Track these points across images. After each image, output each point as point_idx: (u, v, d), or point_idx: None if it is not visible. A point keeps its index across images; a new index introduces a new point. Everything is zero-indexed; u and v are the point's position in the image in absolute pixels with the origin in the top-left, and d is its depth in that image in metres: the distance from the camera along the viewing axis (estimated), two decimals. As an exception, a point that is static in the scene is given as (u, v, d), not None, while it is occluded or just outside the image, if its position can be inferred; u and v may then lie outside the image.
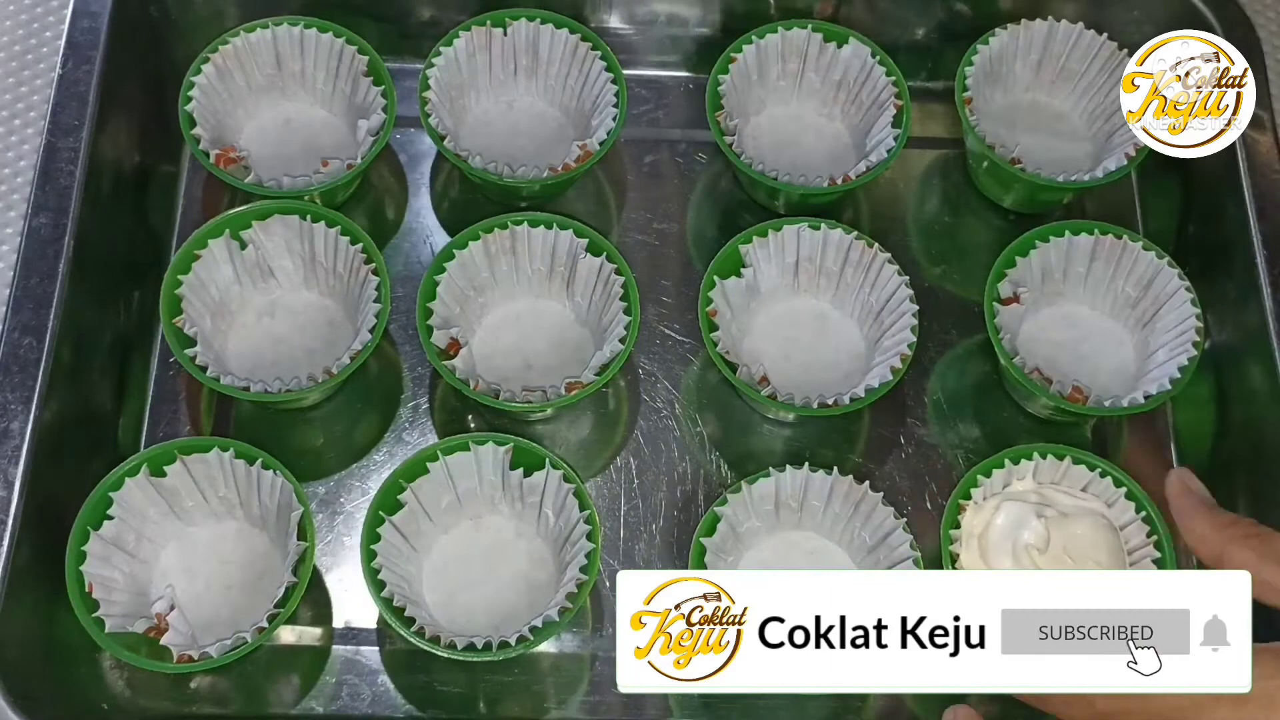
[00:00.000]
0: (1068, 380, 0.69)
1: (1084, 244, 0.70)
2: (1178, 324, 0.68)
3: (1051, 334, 0.73)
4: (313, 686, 0.68)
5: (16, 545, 0.63)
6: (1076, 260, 0.71)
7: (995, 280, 0.69)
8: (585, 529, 0.65)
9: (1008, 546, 0.67)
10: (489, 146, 0.80)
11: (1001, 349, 0.66)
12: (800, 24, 0.79)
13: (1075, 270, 0.71)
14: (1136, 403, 0.66)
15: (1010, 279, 0.69)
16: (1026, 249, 0.70)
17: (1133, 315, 0.71)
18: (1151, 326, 0.70)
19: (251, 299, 0.75)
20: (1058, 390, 0.67)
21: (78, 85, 0.72)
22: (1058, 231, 0.70)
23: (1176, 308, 0.69)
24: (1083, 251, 0.71)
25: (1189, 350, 0.67)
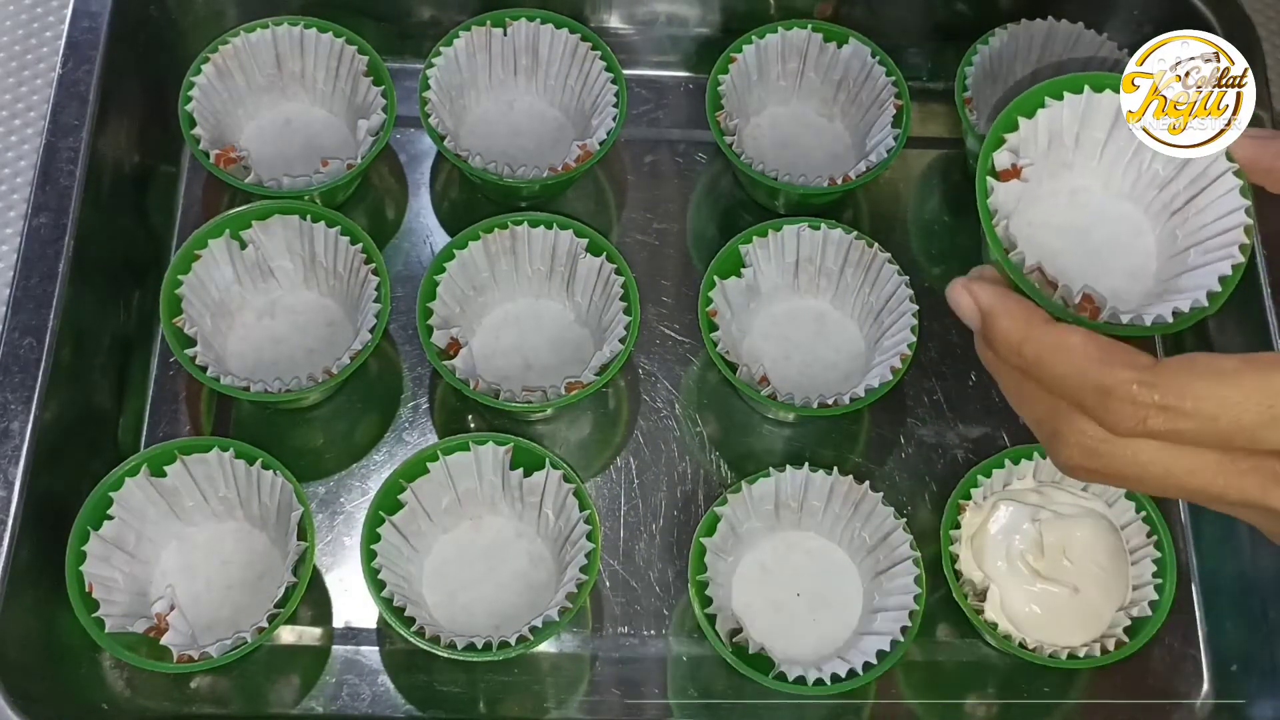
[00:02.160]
0: (1076, 283, 0.48)
1: (1108, 103, 0.50)
2: (1217, 217, 0.48)
3: (1052, 216, 0.53)
4: (313, 686, 0.68)
5: (16, 545, 0.63)
6: (1094, 123, 0.51)
7: (992, 147, 0.50)
8: (585, 529, 0.65)
9: (1002, 550, 0.67)
10: (489, 146, 0.80)
11: (995, 239, 0.47)
12: (800, 24, 0.79)
13: (1091, 136, 0.51)
14: (1163, 321, 0.45)
15: (1010, 145, 0.50)
16: (1033, 107, 0.50)
17: (1159, 199, 0.51)
18: (1183, 215, 0.50)
19: (251, 299, 0.75)
20: (1060, 298, 0.47)
21: (78, 85, 0.72)
22: (1074, 86, 0.50)
23: (1220, 195, 0.48)
24: (1104, 113, 0.50)
25: (1233, 255, 0.47)
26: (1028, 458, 0.69)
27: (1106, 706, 0.70)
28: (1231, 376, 0.38)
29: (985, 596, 0.66)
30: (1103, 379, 0.39)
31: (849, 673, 0.64)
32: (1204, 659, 0.71)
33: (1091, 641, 0.66)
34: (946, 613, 0.70)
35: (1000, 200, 0.49)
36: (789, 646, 0.67)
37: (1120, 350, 0.40)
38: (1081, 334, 0.40)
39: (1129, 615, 0.67)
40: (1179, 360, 0.39)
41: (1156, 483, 0.41)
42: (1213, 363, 0.38)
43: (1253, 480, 0.39)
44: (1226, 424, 0.38)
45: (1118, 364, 0.39)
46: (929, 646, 0.70)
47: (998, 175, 0.50)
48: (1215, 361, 0.38)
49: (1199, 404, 0.38)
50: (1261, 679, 0.69)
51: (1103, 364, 0.39)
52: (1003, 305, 0.42)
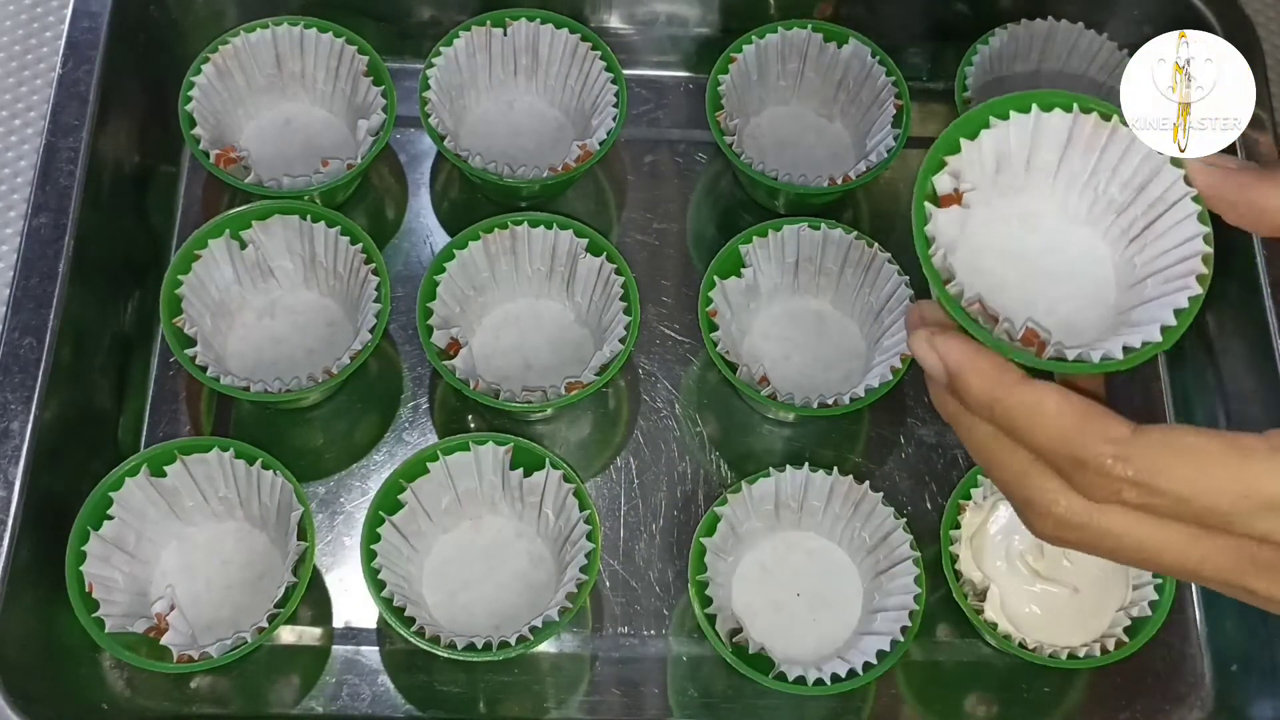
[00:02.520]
0: (1019, 315, 0.44)
1: (1058, 123, 0.46)
2: (1175, 245, 0.45)
3: (1000, 242, 0.48)
4: (313, 686, 0.68)
5: (16, 545, 0.63)
6: (1045, 145, 0.47)
7: (929, 171, 0.45)
8: (585, 529, 0.65)
9: (1001, 550, 0.67)
10: (489, 146, 0.80)
11: (931, 269, 0.43)
12: (800, 24, 0.79)
13: (1042, 158, 0.47)
14: (1112, 357, 0.42)
15: (951, 169, 0.46)
16: (976, 128, 0.46)
17: (1116, 224, 0.47)
18: (1141, 243, 0.47)
19: (251, 299, 0.75)
20: (1004, 332, 0.43)
21: (78, 85, 0.72)
22: (1021, 105, 0.46)
23: (1178, 222, 0.45)
24: (1054, 134, 0.47)
25: (1190, 287, 0.44)
26: (1028, 458, 0.69)
27: (1106, 706, 0.70)
28: (1209, 460, 0.37)
29: (985, 596, 0.66)
30: (1075, 451, 0.38)
31: (849, 673, 0.64)
32: (1204, 659, 0.71)
33: (1091, 641, 0.66)
34: (946, 613, 0.70)
35: (940, 228, 0.45)
36: (789, 646, 0.67)
37: (1096, 417, 0.38)
38: (1056, 396, 0.39)
39: (1129, 615, 0.67)
40: (1159, 435, 0.38)
41: (1130, 556, 0.40)
42: (1192, 442, 0.37)
43: (1228, 560, 0.39)
44: (1200, 507, 0.37)
45: (1093, 434, 0.38)
46: (929, 646, 0.70)
47: (937, 201, 0.46)
48: (1195, 441, 0.37)
49: (1173, 485, 0.37)
50: (1261, 679, 0.69)
51: (1078, 433, 0.38)
52: (971, 363, 0.41)
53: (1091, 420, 0.38)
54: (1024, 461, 0.40)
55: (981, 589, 0.67)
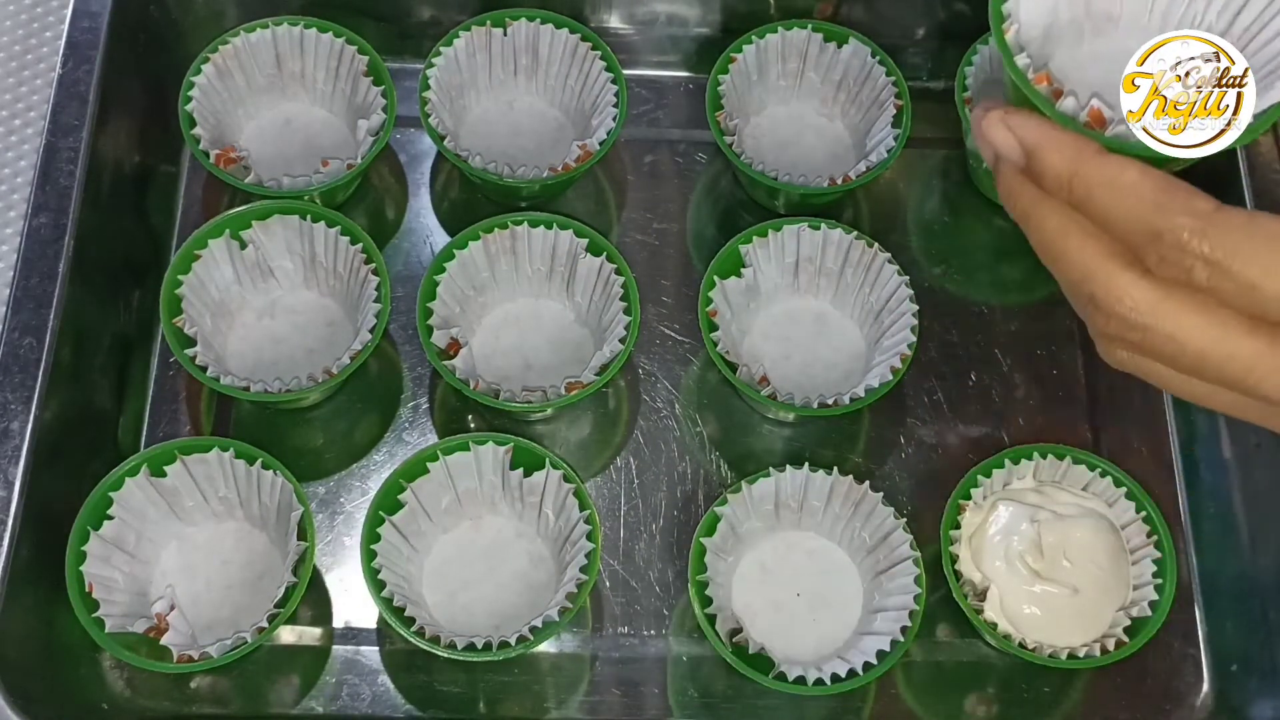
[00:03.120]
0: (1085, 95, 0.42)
1: None
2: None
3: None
4: (313, 686, 0.68)
5: (16, 545, 0.63)
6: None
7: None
8: (585, 529, 0.65)
9: (1000, 551, 0.67)
10: (489, 146, 0.80)
11: (1003, 43, 0.43)
12: (800, 24, 0.79)
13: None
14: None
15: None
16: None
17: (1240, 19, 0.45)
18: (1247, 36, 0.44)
19: (251, 299, 0.75)
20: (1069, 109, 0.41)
21: (78, 85, 0.72)
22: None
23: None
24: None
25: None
26: (1028, 458, 0.69)
27: (1106, 706, 0.70)
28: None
29: (985, 596, 0.66)
30: (1155, 222, 0.37)
31: (849, 673, 0.64)
32: (1204, 659, 0.71)
33: (1091, 642, 0.66)
34: (946, 613, 0.70)
35: (1021, 6, 0.44)
36: (789, 646, 0.67)
37: (1178, 191, 0.37)
38: (1137, 170, 0.38)
39: (1129, 615, 0.67)
40: (1243, 217, 0.36)
41: (1190, 364, 0.38)
42: (1273, 227, 0.36)
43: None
44: (1269, 295, 0.36)
45: (1173, 207, 0.37)
46: (929, 646, 0.70)
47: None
48: (1276, 227, 0.36)
49: (1246, 269, 0.36)
50: (1261, 679, 0.69)
51: (1157, 206, 0.37)
52: (1050, 138, 0.39)
53: (1173, 192, 0.37)
54: (1095, 256, 0.39)
55: (981, 589, 0.67)
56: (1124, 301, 0.38)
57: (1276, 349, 0.37)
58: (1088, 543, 0.67)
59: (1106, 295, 0.39)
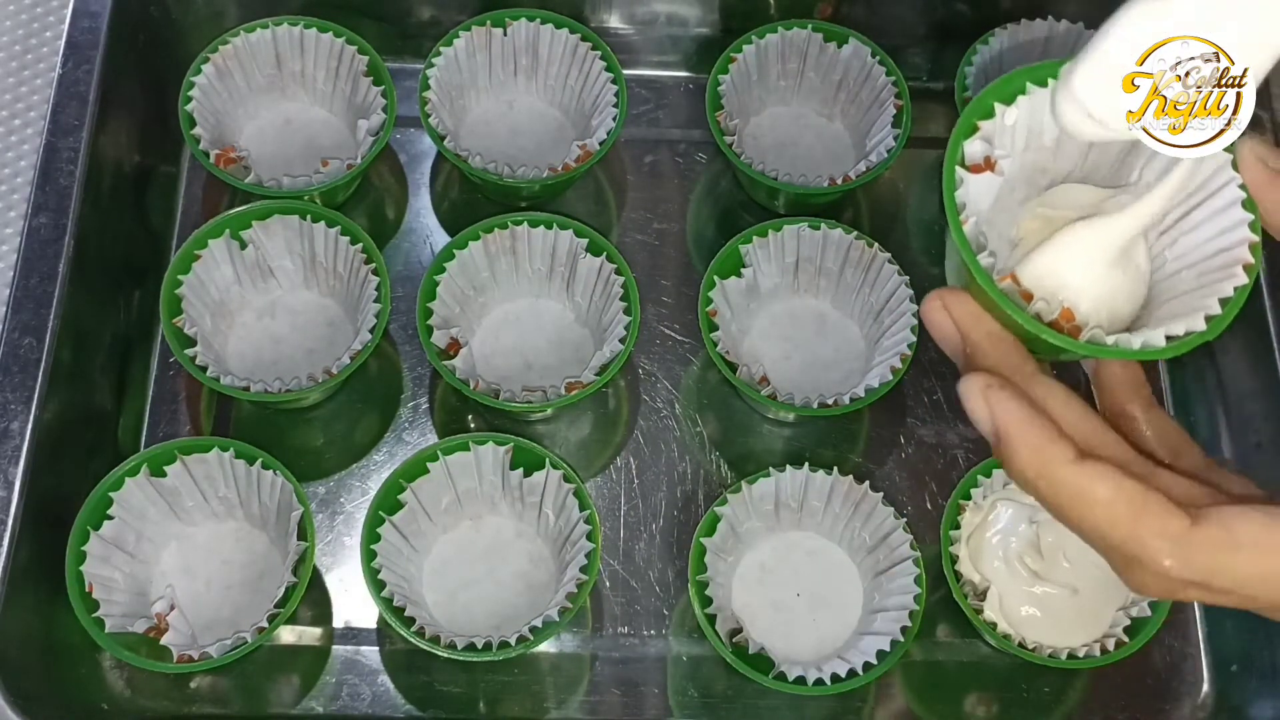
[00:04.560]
0: (1055, 299, 0.41)
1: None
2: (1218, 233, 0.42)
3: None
4: (313, 686, 0.68)
5: (16, 545, 0.63)
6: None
7: (961, 135, 0.43)
8: (585, 529, 0.65)
9: (999, 551, 0.67)
10: (489, 146, 0.80)
11: (962, 237, 0.41)
12: (800, 24, 0.79)
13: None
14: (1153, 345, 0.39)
15: (984, 134, 0.43)
16: (1012, 93, 0.43)
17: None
18: (1172, 235, 0.43)
19: (251, 299, 0.75)
20: (1038, 311, 0.40)
21: (78, 85, 0.72)
22: (1052, 72, 0.42)
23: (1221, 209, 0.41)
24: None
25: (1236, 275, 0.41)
26: (1028, 458, 0.69)
27: (1106, 706, 0.70)
28: (1274, 555, 0.35)
29: (985, 597, 0.66)
30: (1129, 548, 0.35)
31: (849, 673, 0.64)
32: (1204, 659, 0.71)
33: (1091, 642, 0.66)
34: (946, 613, 0.70)
35: (971, 194, 0.42)
36: (789, 646, 0.67)
37: (1151, 510, 0.35)
38: (1110, 485, 0.35)
39: (1129, 615, 0.67)
40: (1218, 530, 0.35)
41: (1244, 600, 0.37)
42: (1255, 535, 0.35)
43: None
44: (1267, 600, 0.35)
45: (1147, 532, 0.35)
46: (929, 646, 0.70)
47: (968, 167, 0.43)
48: (1258, 534, 0.35)
49: (1235, 584, 0.35)
50: (1261, 679, 0.69)
51: (1130, 529, 0.35)
52: (1020, 433, 0.37)
53: (1145, 514, 0.35)
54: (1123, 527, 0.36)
55: (981, 589, 0.67)
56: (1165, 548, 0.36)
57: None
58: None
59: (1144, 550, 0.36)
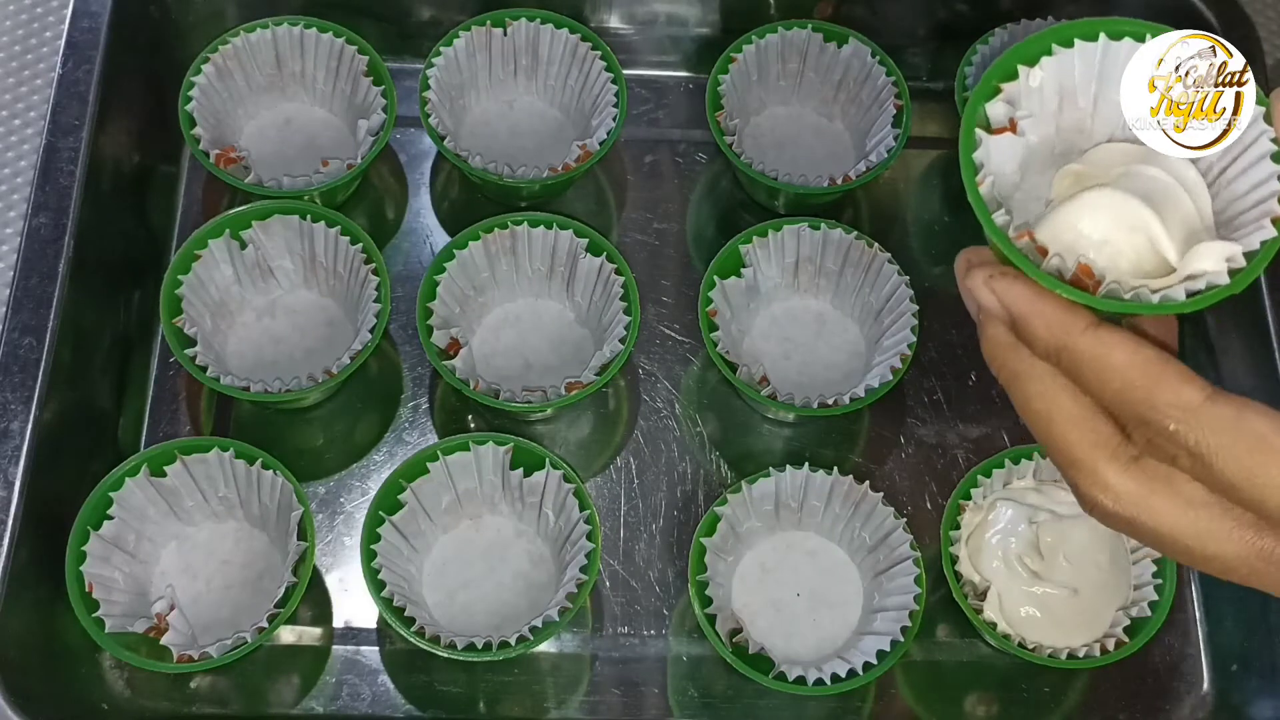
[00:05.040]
0: (1072, 255, 0.40)
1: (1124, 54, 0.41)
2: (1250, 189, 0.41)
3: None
4: (313, 686, 0.68)
5: (16, 545, 0.63)
6: (1113, 79, 0.42)
7: (982, 97, 0.42)
8: (585, 529, 0.65)
9: (998, 552, 0.67)
10: (489, 146, 0.80)
11: (977, 197, 0.40)
12: (800, 24, 0.79)
13: (1111, 96, 0.42)
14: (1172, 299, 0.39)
15: (1006, 96, 0.42)
16: (1037, 54, 0.42)
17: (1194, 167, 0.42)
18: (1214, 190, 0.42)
19: (251, 299, 0.75)
20: (1054, 269, 0.39)
21: (78, 85, 0.72)
22: (1087, 32, 0.41)
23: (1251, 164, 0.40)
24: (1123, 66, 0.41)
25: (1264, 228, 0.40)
26: (1028, 458, 0.69)
27: (1106, 706, 0.70)
28: (1275, 454, 0.35)
29: (985, 597, 0.66)
30: (1142, 409, 0.37)
31: (849, 673, 0.64)
32: (1204, 659, 0.71)
33: (1091, 642, 0.66)
34: (946, 613, 0.70)
35: (991, 154, 0.42)
36: (789, 646, 0.67)
37: (1168, 378, 0.37)
38: (1126, 348, 0.37)
39: (1129, 615, 0.66)
40: (1231, 412, 0.36)
41: (1176, 555, 0.38)
42: (1261, 431, 0.36)
43: (1277, 576, 0.37)
44: (1249, 497, 0.36)
45: (1161, 396, 0.36)
46: (929, 646, 0.70)
47: (990, 130, 0.42)
48: (1265, 430, 0.36)
49: (1226, 466, 0.36)
50: (1261, 679, 0.69)
51: (1145, 392, 0.36)
52: (1035, 307, 0.38)
53: (1162, 380, 0.37)
54: (1080, 444, 0.38)
55: (981, 589, 0.67)
56: (1108, 494, 0.38)
57: (1260, 548, 0.37)
58: (1087, 543, 0.67)
59: (1091, 486, 0.38)
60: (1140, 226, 0.40)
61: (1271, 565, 0.37)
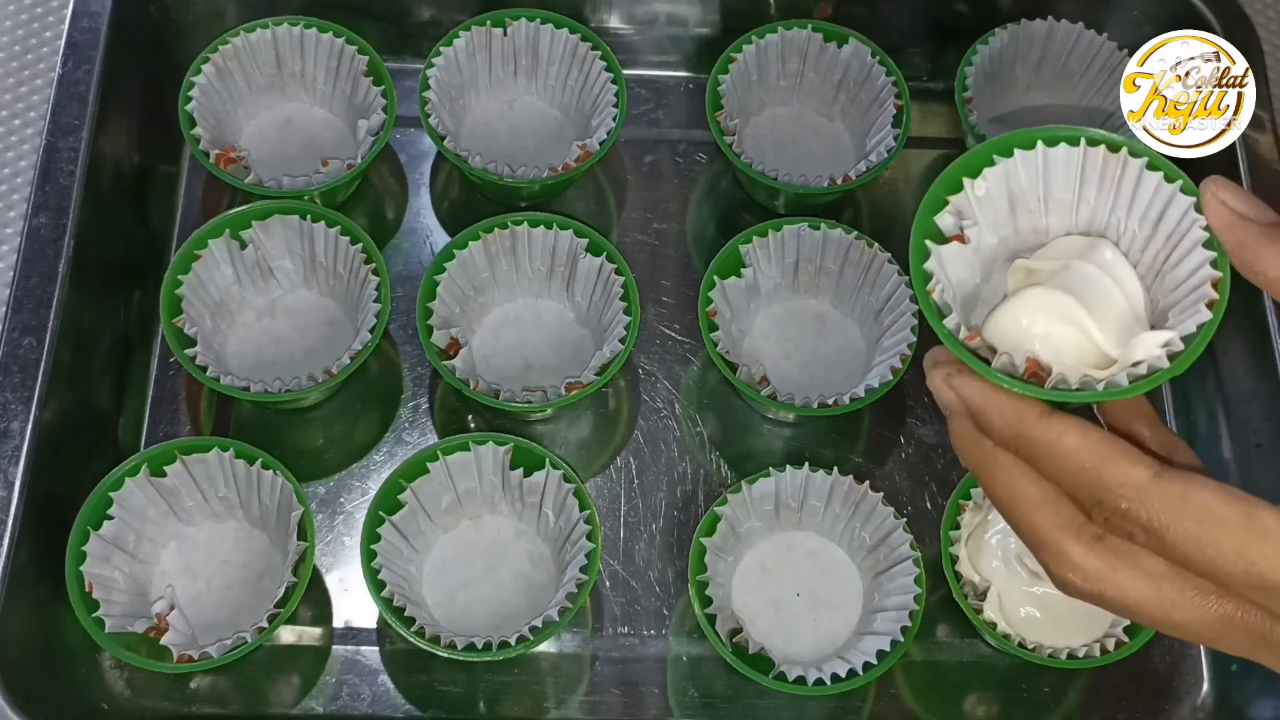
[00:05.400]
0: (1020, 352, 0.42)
1: (1065, 159, 0.44)
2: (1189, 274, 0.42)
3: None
4: (313, 686, 0.68)
5: (16, 545, 0.63)
6: (1056, 181, 0.44)
7: (931, 210, 0.44)
8: (585, 529, 0.65)
9: (998, 552, 0.67)
10: (489, 146, 0.80)
11: (928, 303, 0.43)
12: (800, 24, 0.79)
13: (1057, 195, 0.44)
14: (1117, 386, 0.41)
15: (954, 207, 0.44)
16: (979, 166, 0.44)
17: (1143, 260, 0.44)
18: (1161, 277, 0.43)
19: (251, 299, 0.75)
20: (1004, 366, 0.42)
21: (78, 85, 0.72)
22: (1025, 141, 0.44)
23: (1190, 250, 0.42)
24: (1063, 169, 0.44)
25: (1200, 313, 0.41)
26: (1028, 458, 0.69)
27: (1106, 706, 0.70)
28: (1220, 526, 0.37)
29: (985, 597, 0.66)
30: (1095, 491, 0.39)
31: (849, 673, 0.64)
32: (1204, 659, 0.71)
33: (1092, 642, 0.66)
34: (946, 613, 0.70)
35: (942, 263, 0.44)
36: (789, 646, 0.67)
37: (1117, 459, 0.39)
38: (1077, 433, 0.39)
39: (1129, 615, 0.66)
40: (1178, 487, 0.38)
41: (1147, 623, 0.41)
42: (1208, 504, 0.38)
43: (1241, 639, 0.39)
44: (1202, 568, 0.38)
45: (1112, 477, 0.39)
46: (929, 646, 0.70)
47: (940, 239, 0.44)
48: (1211, 503, 0.38)
49: (1178, 540, 0.38)
50: (1261, 679, 0.69)
51: (1096, 475, 0.39)
52: (990, 402, 0.41)
53: (1110, 460, 0.39)
54: (1045, 526, 0.41)
55: (982, 589, 0.67)
56: (1076, 573, 0.40)
57: (1220, 614, 0.39)
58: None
59: (1059, 565, 0.40)
60: (1074, 321, 0.41)
61: (1233, 629, 0.39)
